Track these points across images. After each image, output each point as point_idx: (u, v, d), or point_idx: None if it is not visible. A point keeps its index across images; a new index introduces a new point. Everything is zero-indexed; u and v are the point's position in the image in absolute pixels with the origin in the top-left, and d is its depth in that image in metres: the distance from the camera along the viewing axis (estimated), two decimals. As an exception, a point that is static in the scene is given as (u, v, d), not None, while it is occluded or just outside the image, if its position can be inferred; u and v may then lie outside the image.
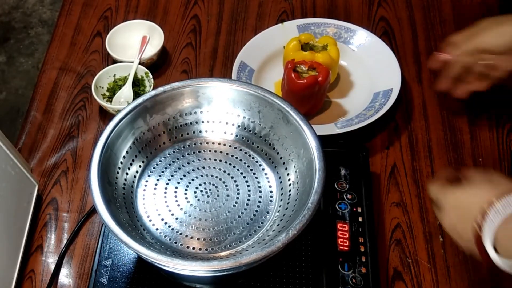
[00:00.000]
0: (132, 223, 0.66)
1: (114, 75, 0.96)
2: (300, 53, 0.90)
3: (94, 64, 1.02)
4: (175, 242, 0.67)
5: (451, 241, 0.61)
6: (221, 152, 0.75)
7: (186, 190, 0.71)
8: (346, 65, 0.99)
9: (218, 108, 0.74)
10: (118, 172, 0.69)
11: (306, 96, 0.86)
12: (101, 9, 1.10)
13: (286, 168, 0.71)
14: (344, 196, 0.78)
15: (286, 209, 0.67)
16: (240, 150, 0.75)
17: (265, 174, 0.73)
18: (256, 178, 0.72)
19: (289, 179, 0.70)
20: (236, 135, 0.75)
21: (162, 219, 0.68)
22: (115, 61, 0.99)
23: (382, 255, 0.77)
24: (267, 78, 0.96)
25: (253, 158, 0.74)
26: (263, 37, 0.99)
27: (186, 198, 0.70)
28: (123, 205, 0.67)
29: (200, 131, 0.76)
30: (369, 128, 0.87)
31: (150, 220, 0.68)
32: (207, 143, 0.75)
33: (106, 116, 0.94)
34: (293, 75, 0.84)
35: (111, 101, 0.94)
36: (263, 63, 0.97)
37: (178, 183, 0.72)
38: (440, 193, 0.62)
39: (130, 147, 0.71)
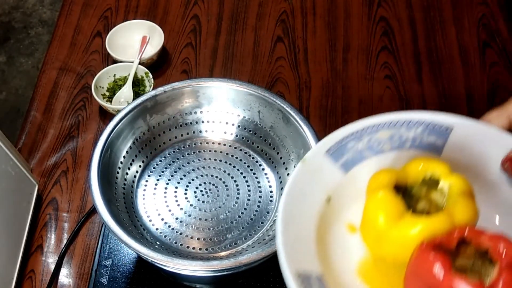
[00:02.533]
0: (132, 223, 0.66)
1: (114, 75, 0.96)
2: (404, 222, 0.43)
3: (94, 64, 1.02)
4: (175, 242, 0.67)
5: None
6: (221, 152, 0.75)
7: (186, 190, 0.71)
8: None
9: (218, 108, 0.74)
10: (118, 172, 0.69)
11: None
12: (101, 9, 1.10)
13: (286, 168, 0.71)
14: (344, 196, 0.78)
15: (286, 209, 0.67)
16: (240, 150, 0.75)
17: (265, 174, 0.73)
18: (256, 178, 0.72)
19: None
20: (236, 135, 0.75)
21: (162, 219, 0.68)
22: (115, 61, 0.99)
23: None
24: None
25: (253, 158, 0.74)
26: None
27: (186, 198, 0.70)
28: (123, 205, 0.67)
29: (200, 131, 0.76)
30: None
31: (150, 220, 0.68)
32: (207, 143, 0.75)
33: (106, 116, 0.94)
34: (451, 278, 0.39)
35: (111, 101, 0.94)
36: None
37: (178, 183, 0.72)
38: None
39: (130, 147, 0.71)
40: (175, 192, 0.71)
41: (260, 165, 0.73)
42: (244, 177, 0.72)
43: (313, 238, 0.50)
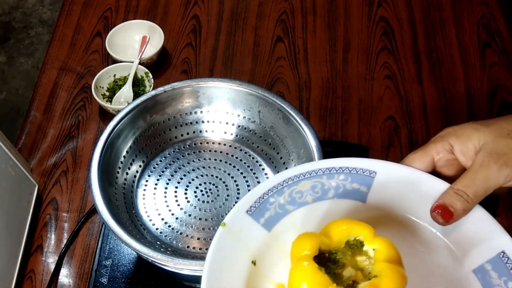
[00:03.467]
0: (132, 223, 0.66)
1: (114, 75, 0.96)
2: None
3: (94, 64, 1.02)
4: (175, 242, 0.67)
5: None
6: (221, 152, 0.75)
7: (186, 190, 0.71)
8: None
9: (218, 108, 0.74)
10: (118, 172, 0.69)
11: None
12: (101, 9, 1.10)
13: (286, 168, 0.71)
14: (344, 196, 0.78)
15: (286, 209, 0.67)
16: (240, 150, 0.75)
17: (265, 174, 0.73)
18: (256, 178, 0.72)
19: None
20: (236, 135, 0.75)
21: (162, 219, 0.68)
22: (115, 61, 0.99)
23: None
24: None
25: (253, 158, 0.74)
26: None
27: (186, 198, 0.70)
28: (123, 205, 0.67)
29: (200, 131, 0.76)
30: (369, 128, 0.87)
31: (150, 220, 0.68)
32: (207, 143, 0.75)
33: (106, 116, 0.94)
34: None
35: (111, 101, 0.94)
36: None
37: (178, 183, 0.72)
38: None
39: (130, 147, 0.71)
40: (175, 192, 0.71)
41: (260, 165, 0.73)
42: (244, 177, 0.72)
43: None
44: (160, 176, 0.72)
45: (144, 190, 0.71)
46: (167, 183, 0.72)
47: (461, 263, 0.50)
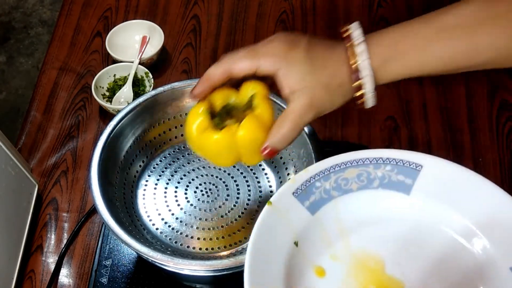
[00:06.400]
0: (132, 223, 0.66)
1: (114, 75, 0.96)
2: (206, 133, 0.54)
3: (94, 64, 1.02)
4: (175, 242, 0.67)
5: None
6: (221, 152, 0.75)
7: (186, 190, 0.71)
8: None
9: (218, 108, 0.74)
10: (118, 172, 0.69)
11: None
12: (101, 9, 1.10)
13: (286, 168, 0.71)
14: (344, 196, 0.78)
15: (286, 209, 0.67)
16: (240, 150, 0.75)
17: (265, 174, 0.73)
18: (256, 178, 0.72)
19: (289, 179, 0.70)
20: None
21: (162, 219, 0.68)
22: (115, 61, 0.99)
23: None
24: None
25: (253, 158, 0.74)
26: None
27: (186, 198, 0.70)
28: (123, 205, 0.67)
29: (200, 131, 0.76)
30: (369, 128, 0.87)
31: (150, 220, 0.68)
32: (207, 143, 0.75)
33: (106, 116, 0.94)
34: None
35: (111, 101, 0.94)
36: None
37: (178, 183, 0.72)
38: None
39: (130, 147, 0.71)
40: (175, 192, 0.71)
41: (260, 165, 0.73)
42: (244, 177, 0.72)
43: (282, 282, 0.50)
44: (160, 176, 0.72)
45: (144, 190, 0.71)
46: (167, 183, 0.72)
47: (495, 259, 0.51)
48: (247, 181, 0.72)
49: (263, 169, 0.73)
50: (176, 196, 0.70)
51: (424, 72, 0.50)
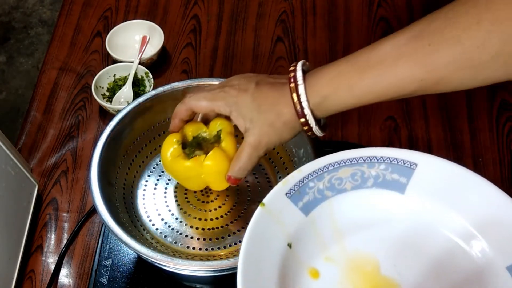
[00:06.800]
0: (132, 223, 0.66)
1: (114, 75, 0.96)
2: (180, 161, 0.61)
3: (94, 64, 1.02)
4: (175, 242, 0.67)
5: None
6: (221, 152, 0.75)
7: (186, 190, 0.71)
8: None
9: (218, 108, 0.74)
10: (118, 172, 0.69)
11: None
12: (101, 9, 1.10)
13: (286, 168, 0.71)
14: (344, 196, 0.78)
15: (286, 209, 0.67)
16: (240, 150, 0.75)
17: (265, 174, 0.73)
18: (256, 178, 0.72)
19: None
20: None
21: (162, 219, 0.68)
22: (115, 61, 0.99)
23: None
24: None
25: (253, 158, 0.74)
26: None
27: (186, 198, 0.70)
28: (123, 205, 0.67)
29: (200, 131, 0.76)
30: (369, 128, 0.87)
31: (150, 220, 0.68)
32: (207, 143, 0.75)
33: (106, 116, 0.94)
34: None
35: (111, 101, 0.94)
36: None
37: (178, 183, 0.71)
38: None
39: (130, 147, 0.71)
40: (175, 192, 0.71)
41: (260, 165, 0.73)
42: (245, 177, 0.72)
43: (276, 284, 0.49)
44: (160, 176, 0.72)
45: (144, 190, 0.71)
46: (167, 183, 0.72)
47: (492, 259, 0.51)
48: (247, 181, 0.72)
49: (263, 169, 0.73)
50: (176, 196, 0.70)
51: (362, 103, 0.53)
